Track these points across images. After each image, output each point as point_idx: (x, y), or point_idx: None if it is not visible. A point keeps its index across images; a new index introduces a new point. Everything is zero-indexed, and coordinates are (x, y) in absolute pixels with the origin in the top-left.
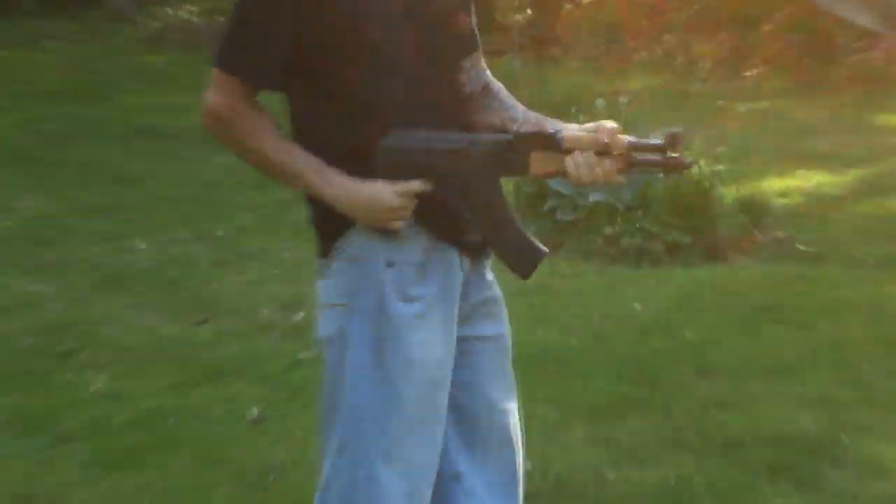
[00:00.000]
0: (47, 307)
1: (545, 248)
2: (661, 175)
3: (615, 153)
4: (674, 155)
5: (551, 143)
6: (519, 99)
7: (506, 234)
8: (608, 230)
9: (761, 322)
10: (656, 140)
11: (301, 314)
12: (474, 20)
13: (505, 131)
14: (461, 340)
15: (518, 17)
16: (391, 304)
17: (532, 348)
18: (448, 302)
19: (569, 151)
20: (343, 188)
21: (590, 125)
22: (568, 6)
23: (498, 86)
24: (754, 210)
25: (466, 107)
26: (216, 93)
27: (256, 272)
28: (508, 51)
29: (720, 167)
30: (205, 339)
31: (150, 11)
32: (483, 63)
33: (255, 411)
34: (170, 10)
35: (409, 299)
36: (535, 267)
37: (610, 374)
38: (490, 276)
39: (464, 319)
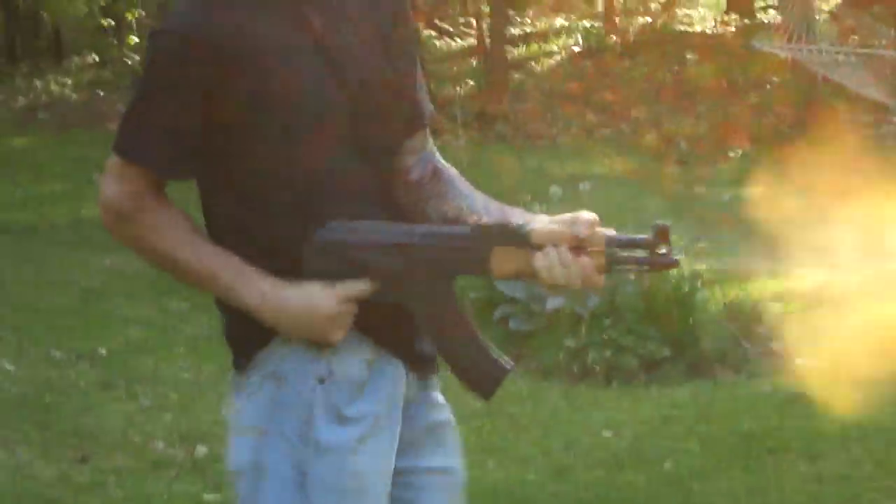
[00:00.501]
0: None
1: (510, 363)
2: (647, 272)
3: (594, 249)
4: (661, 252)
5: (517, 237)
6: None
7: (462, 346)
8: (571, 342)
9: (755, 452)
10: (641, 235)
11: (204, 448)
12: (422, 94)
13: (460, 223)
14: (404, 472)
15: (458, 89)
16: (321, 430)
17: (481, 486)
18: (393, 423)
19: (539, 247)
20: (269, 294)
21: (564, 216)
22: (517, 75)
23: (451, 171)
24: (743, 317)
25: (411, 195)
26: (116, 184)
27: (148, 398)
28: (447, 129)
29: (701, 267)
30: (85, 480)
31: (15, 86)
32: (431, 144)
33: None
34: (38, 83)
35: (346, 421)
36: (498, 386)
37: None
38: (439, 396)
39: (408, 446)
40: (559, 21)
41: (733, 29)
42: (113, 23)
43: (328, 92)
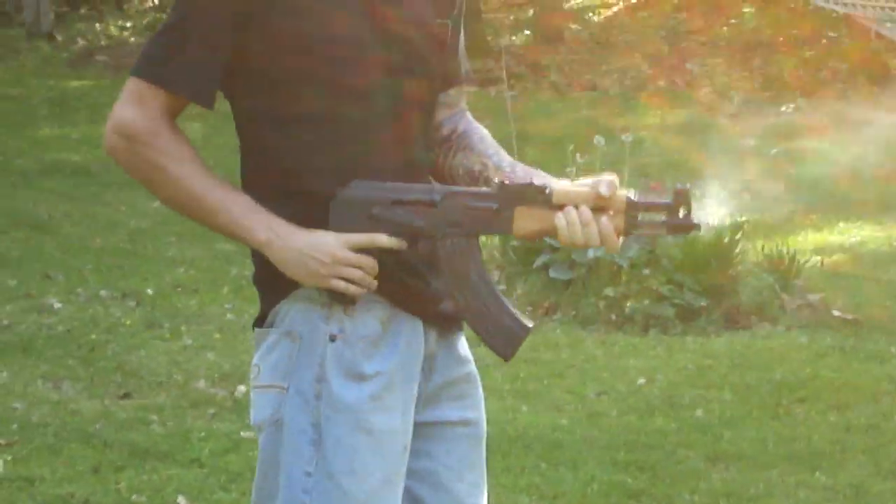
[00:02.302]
0: None
1: (530, 323)
2: (666, 235)
3: (614, 211)
4: (681, 215)
5: (540, 197)
6: (508, 134)
7: (483, 306)
8: (610, 291)
9: (786, 401)
10: (662, 199)
11: (243, 387)
12: (461, 48)
13: (485, 181)
14: (424, 425)
15: (514, 38)
16: (334, 387)
17: (515, 429)
18: (409, 381)
19: (560, 207)
20: (278, 231)
21: (587, 180)
22: (573, 26)
23: (482, 130)
24: (782, 269)
25: (440, 149)
26: (136, 106)
27: (192, 337)
28: (501, 79)
29: (744, 219)
30: (128, 416)
31: (75, 28)
32: (464, 102)
33: (184, 501)
34: (98, 26)
35: (359, 378)
36: (518, 346)
37: (604, 460)
38: (464, 350)
39: (428, 401)
40: None
41: None
42: None
43: (365, 38)
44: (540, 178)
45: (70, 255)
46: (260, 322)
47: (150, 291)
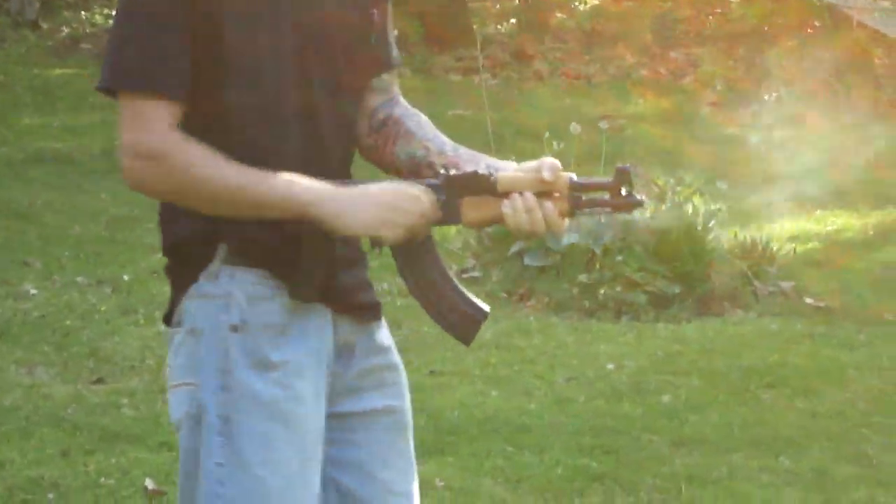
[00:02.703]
0: None
1: (486, 308)
2: (610, 213)
3: (559, 194)
4: (623, 194)
5: (485, 186)
6: (486, 122)
7: (438, 293)
8: (584, 278)
9: (754, 387)
10: (602, 179)
11: None
12: (390, 37)
13: (428, 165)
14: (345, 416)
15: (499, 27)
16: (241, 377)
17: (482, 413)
18: (320, 367)
19: (505, 194)
20: (322, 190)
21: (531, 163)
22: (559, 15)
23: (420, 116)
24: (756, 256)
25: (378, 135)
26: (137, 124)
27: None
28: (485, 68)
29: (719, 206)
30: (100, 400)
31: (61, 16)
32: (397, 87)
33: (151, 483)
34: (85, 14)
35: (266, 367)
36: (476, 331)
37: (570, 445)
38: (384, 339)
39: (351, 391)
40: None
41: None
42: None
43: (281, 29)
44: (483, 164)
45: (49, 243)
46: (167, 318)
47: (126, 278)
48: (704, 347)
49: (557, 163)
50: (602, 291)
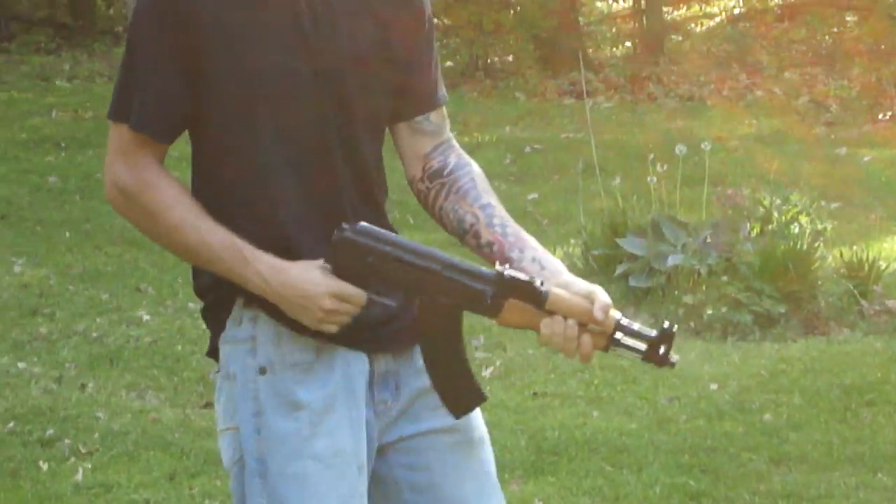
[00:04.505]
0: (32, 387)
1: (485, 395)
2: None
3: (601, 331)
4: (660, 351)
5: (534, 298)
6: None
7: (447, 368)
8: (689, 299)
9: (854, 405)
10: (648, 331)
11: None
12: (434, 74)
13: (475, 235)
14: (411, 438)
15: (615, 50)
16: (272, 419)
17: (582, 434)
18: (353, 399)
19: (549, 312)
20: (268, 280)
21: (582, 285)
22: (675, 37)
23: (474, 167)
24: (862, 275)
25: (430, 183)
26: (119, 159)
27: None
28: (597, 91)
29: (826, 225)
30: (206, 424)
31: None
32: (448, 130)
33: None
34: None
35: (295, 407)
36: (470, 410)
37: (669, 463)
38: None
39: (406, 416)
40: None
41: None
42: None
43: (294, 63)
44: (529, 254)
45: (162, 270)
46: (212, 354)
47: None
48: (808, 366)
49: (608, 300)
50: (708, 312)
